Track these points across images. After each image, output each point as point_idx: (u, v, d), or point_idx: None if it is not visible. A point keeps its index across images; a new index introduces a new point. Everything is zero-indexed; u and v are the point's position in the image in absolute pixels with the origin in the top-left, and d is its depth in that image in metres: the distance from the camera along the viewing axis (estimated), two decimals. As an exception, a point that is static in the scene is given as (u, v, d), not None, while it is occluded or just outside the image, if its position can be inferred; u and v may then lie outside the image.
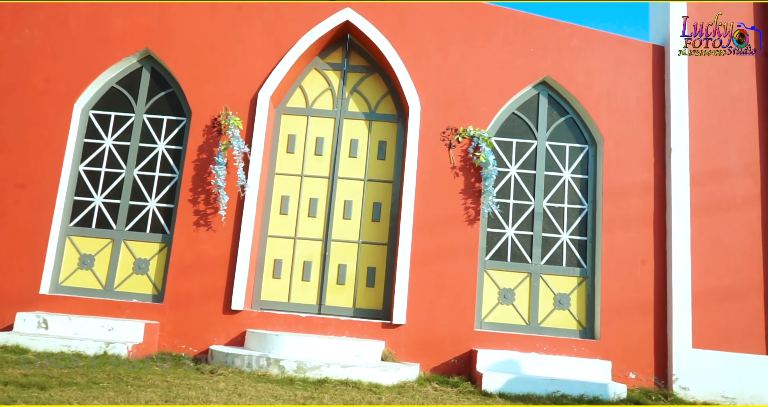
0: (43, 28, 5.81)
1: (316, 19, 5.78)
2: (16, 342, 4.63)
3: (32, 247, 5.42)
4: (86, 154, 5.74)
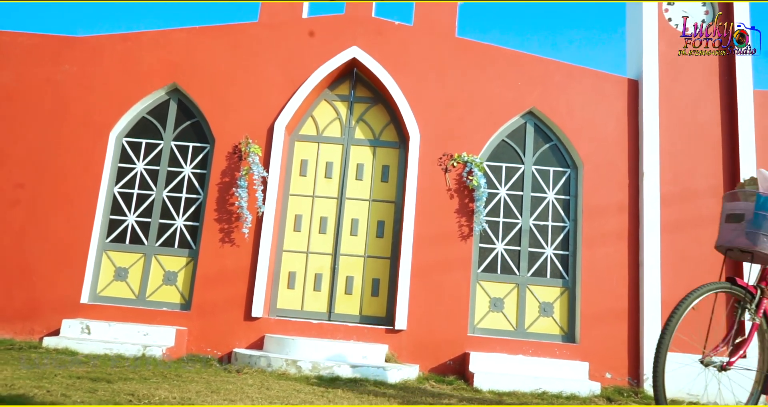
0: (81, 64, 6.48)
1: (326, 56, 6.44)
2: (65, 346, 5.28)
3: (73, 261, 6.07)
4: (120, 177, 6.40)
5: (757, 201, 3.10)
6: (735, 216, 3.19)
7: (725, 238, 3.22)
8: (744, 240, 3.11)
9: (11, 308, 5.94)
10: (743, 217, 3.13)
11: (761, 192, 3.12)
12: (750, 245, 3.09)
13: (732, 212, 3.23)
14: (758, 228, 3.07)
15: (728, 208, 3.28)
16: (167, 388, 3.47)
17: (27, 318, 5.92)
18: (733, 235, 3.16)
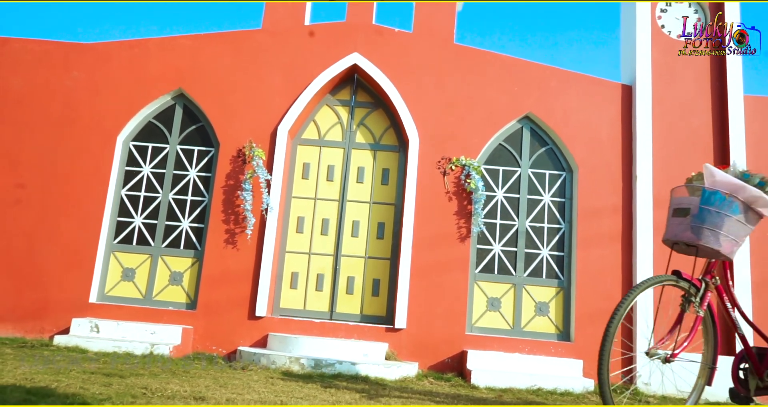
0: (89, 70, 6.65)
1: (328, 62, 6.62)
2: (75, 344, 5.45)
3: (82, 262, 6.24)
4: (127, 180, 6.58)
5: (702, 195, 3.12)
6: (681, 211, 3.20)
7: (671, 232, 3.23)
8: (689, 235, 3.13)
9: (22, 307, 6.11)
10: (689, 212, 3.14)
11: (707, 187, 3.14)
12: (694, 239, 3.11)
13: (678, 206, 3.24)
14: (702, 222, 3.09)
15: (675, 203, 3.30)
16: (177, 383, 3.64)
17: (37, 317, 6.09)
18: (679, 229, 3.16)
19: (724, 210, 3.06)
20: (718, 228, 3.06)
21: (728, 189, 3.08)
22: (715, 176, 3.14)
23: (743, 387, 3.43)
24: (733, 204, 3.07)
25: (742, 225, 3.10)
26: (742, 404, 3.43)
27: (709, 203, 3.09)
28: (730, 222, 3.06)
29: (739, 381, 3.46)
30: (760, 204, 3.08)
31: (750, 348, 3.44)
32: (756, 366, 3.39)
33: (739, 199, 3.08)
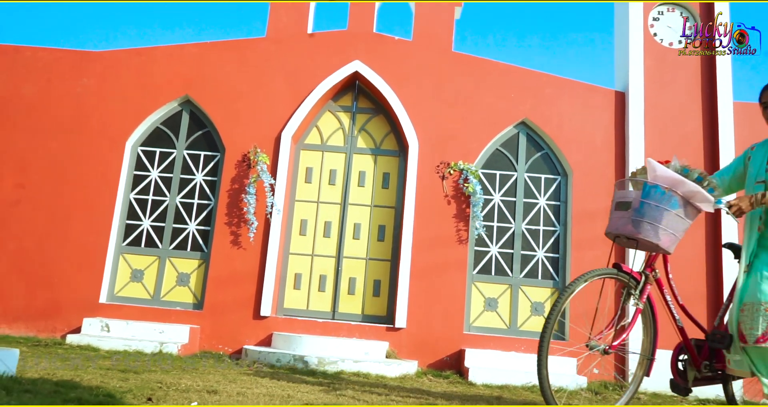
0: (99, 77, 6.86)
1: (330, 70, 6.82)
2: (87, 342, 5.65)
3: (92, 263, 6.45)
4: (136, 184, 6.78)
5: (643, 189, 3.14)
6: (623, 204, 3.21)
7: (613, 226, 3.24)
8: (630, 228, 3.14)
9: (34, 307, 6.31)
10: (630, 205, 3.15)
11: (648, 181, 3.15)
12: (635, 232, 3.12)
13: (621, 200, 3.25)
14: (643, 216, 3.10)
15: (618, 196, 3.31)
16: (189, 378, 3.84)
17: (49, 316, 6.30)
18: (621, 223, 3.18)
19: (664, 205, 3.07)
20: (657, 222, 3.06)
21: (668, 183, 3.10)
22: (656, 171, 3.15)
23: (682, 378, 3.50)
24: (673, 199, 3.08)
25: (681, 219, 3.11)
26: (681, 394, 3.51)
27: (649, 197, 3.09)
28: (669, 216, 3.07)
29: (678, 373, 3.53)
30: (698, 199, 3.11)
31: (688, 340, 3.51)
32: (694, 358, 3.45)
33: (679, 193, 3.09)
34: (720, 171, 3.51)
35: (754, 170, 3.27)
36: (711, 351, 3.41)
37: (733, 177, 3.43)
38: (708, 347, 3.41)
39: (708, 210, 3.14)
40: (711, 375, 3.43)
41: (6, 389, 2.41)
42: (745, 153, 3.43)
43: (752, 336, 2.93)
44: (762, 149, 3.31)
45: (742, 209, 3.06)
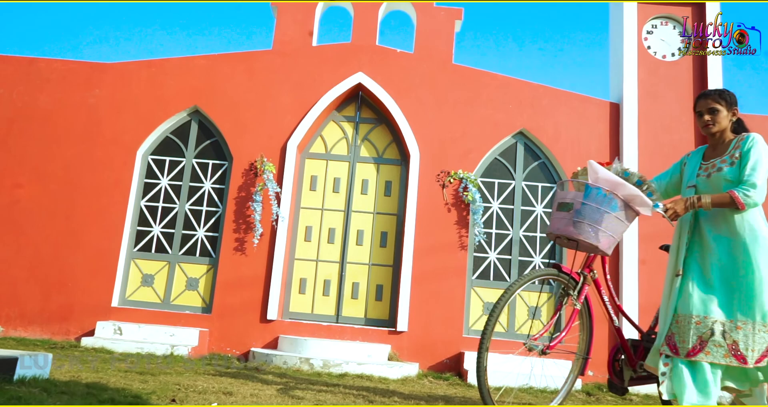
0: (111, 88, 7.10)
1: (334, 81, 7.06)
2: (101, 345, 5.89)
3: (105, 268, 6.68)
4: (146, 191, 7.02)
5: (585, 191, 3.15)
6: (565, 205, 3.22)
7: (555, 226, 3.24)
8: (570, 229, 3.14)
9: (49, 311, 6.55)
10: (572, 207, 3.16)
11: (590, 183, 3.16)
12: (575, 234, 3.13)
13: (562, 201, 3.26)
14: (583, 217, 3.11)
15: (560, 197, 3.30)
16: (203, 380, 4.08)
17: (63, 320, 6.53)
18: (562, 224, 3.19)
19: (604, 207, 3.09)
20: (597, 224, 3.08)
21: (609, 186, 3.11)
22: (598, 173, 3.16)
23: (618, 377, 3.55)
24: (613, 202, 3.10)
25: (620, 222, 3.14)
26: (618, 394, 3.58)
27: (590, 199, 3.10)
28: (609, 218, 3.09)
29: (614, 373, 3.58)
30: (638, 202, 3.13)
31: (625, 340, 3.57)
32: (630, 358, 3.51)
33: (619, 196, 3.11)
34: (658, 176, 3.60)
35: (687, 176, 3.36)
36: (646, 351, 3.44)
37: (670, 182, 3.51)
38: (644, 347, 3.47)
39: (646, 213, 3.19)
40: (646, 374, 3.47)
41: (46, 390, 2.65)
42: (682, 159, 3.52)
43: (684, 350, 2.95)
44: (697, 155, 3.39)
45: (677, 212, 3.10)
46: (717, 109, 3.20)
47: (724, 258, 3.04)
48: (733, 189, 3.03)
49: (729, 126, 3.24)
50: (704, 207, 3.06)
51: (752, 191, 2.98)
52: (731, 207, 3.02)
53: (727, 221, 3.07)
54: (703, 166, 3.27)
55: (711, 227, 3.12)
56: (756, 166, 3.02)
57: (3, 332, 6.49)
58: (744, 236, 3.01)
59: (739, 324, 2.93)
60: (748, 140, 3.10)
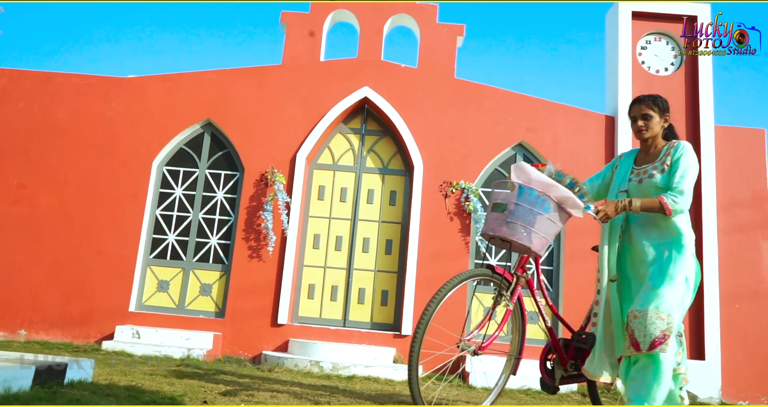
0: (127, 101, 7.40)
1: (341, 95, 7.36)
2: (121, 348, 6.20)
3: (122, 274, 6.99)
4: (161, 201, 7.33)
5: (519, 192, 3.16)
6: (499, 206, 3.22)
7: (489, 227, 3.24)
8: (504, 230, 3.14)
9: (69, 315, 6.86)
10: (506, 207, 3.16)
11: (523, 184, 3.16)
12: (509, 235, 3.13)
13: (497, 201, 3.25)
14: (517, 218, 3.11)
15: (494, 197, 3.31)
16: (225, 381, 4.39)
17: (83, 324, 6.84)
18: (496, 224, 3.18)
19: (537, 208, 3.11)
20: (530, 225, 3.10)
21: (542, 188, 3.13)
22: (531, 174, 3.18)
23: (550, 376, 3.60)
24: (546, 203, 3.13)
25: (553, 223, 3.16)
26: (549, 393, 3.65)
27: (524, 200, 3.13)
28: (542, 220, 3.12)
29: (546, 372, 3.63)
30: (570, 204, 3.15)
31: (557, 340, 3.60)
32: (561, 358, 3.56)
33: (552, 197, 3.13)
34: (590, 178, 3.65)
35: (618, 179, 3.41)
36: (577, 350, 3.50)
37: (601, 184, 3.57)
38: (574, 347, 3.51)
39: (578, 215, 3.21)
40: (576, 373, 3.54)
41: (94, 393, 2.95)
42: (614, 161, 3.57)
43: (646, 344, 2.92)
44: (629, 159, 3.44)
45: (608, 214, 3.15)
46: (650, 115, 3.27)
47: (650, 258, 3.12)
48: (662, 195, 3.09)
49: (661, 132, 3.32)
50: (634, 210, 3.12)
51: (680, 198, 3.06)
52: (659, 212, 3.09)
53: (656, 225, 3.16)
54: (635, 170, 3.33)
55: (641, 230, 3.20)
56: (685, 174, 3.11)
57: (26, 335, 6.80)
58: (670, 240, 3.10)
59: (636, 313, 2.97)
60: (678, 148, 3.19)
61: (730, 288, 6.89)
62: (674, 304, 2.96)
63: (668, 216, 3.10)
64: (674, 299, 2.97)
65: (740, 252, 7.00)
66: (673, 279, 3.00)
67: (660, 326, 2.91)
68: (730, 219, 7.06)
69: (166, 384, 3.92)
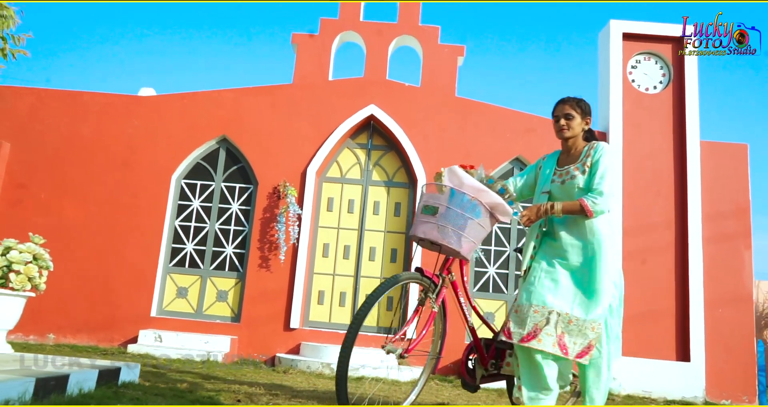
0: (147, 118, 7.87)
1: (349, 113, 7.82)
2: (145, 351, 6.66)
3: (144, 281, 7.46)
4: (180, 212, 7.80)
5: (451, 196, 3.14)
6: (430, 208, 3.19)
7: (420, 229, 3.21)
8: (435, 233, 3.13)
9: (95, 320, 7.32)
10: (437, 210, 3.15)
11: (455, 188, 3.16)
12: (439, 238, 3.13)
13: (427, 204, 3.23)
14: (448, 222, 3.11)
15: (424, 200, 3.27)
16: (247, 381, 4.85)
17: (107, 328, 7.30)
18: (427, 227, 3.16)
19: (468, 213, 3.11)
20: (461, 229, 3.10)
21: (474, 193, 3.14)
22: (463, 179, 3.18)
23: (471, 376, 3.65)
24: (477, 208, 3.13)
25: (482, 228, 3.18)
26: (470, 391, 3.71)
27: (456, 204, 3.12)
28: (472, 224, 3.12)
29: (467, 371, 3.68)
30: (500, 210, 3.18)
31: (478, 340, 3.65)
32: (482, 357, 3.60)
33: (483, 203, 3.14)
34: (513, 177, 3.67)
35: (541, 181, 3.46)
36: (497, 350, 3.58)
37: (525, 185, 3.60)
38: (494, 347, 3.59)
39: (506, 221, 3.26)
40: (496, 372, 3.62)
41: (146, 393, 3.40)
42: (538, 162, 3.61)
43: (518, 335, 3.04)
44: (551, 160, 3.49)
45: (531, 219, 3.23)
46: (572, 116, 3.33)
47: (574, 260, 3.16)
48: (583, 197, 3.14)
49: (581, 134, 3.39)
50: (556, 214, 3.17)
51: (600, 199, 3.11)
52: (581, 214, 3.14)
53: (578, 227, 3.20)
54: (557, 171, 3.38)
55: (564, 232, 3.24)
56: (604, 175, 3.16)
57: (54, 339, 7.26)
58: (593, 241, 3.14)
59: (572, 319, 3.02)
60: (598, 149, 3.24)
61: (714, 294, 7.35)
62: (604, 313, 3.05)
63: (590, 218, 3.15)
64: (605, 308, 3.05)
65: (724, 260, 7.45)
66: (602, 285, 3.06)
67: (590, 336, 3.00)
68: (714, 229, 7.52)
69: (198, 385, 4.38)
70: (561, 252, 3.21)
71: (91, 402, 2.76)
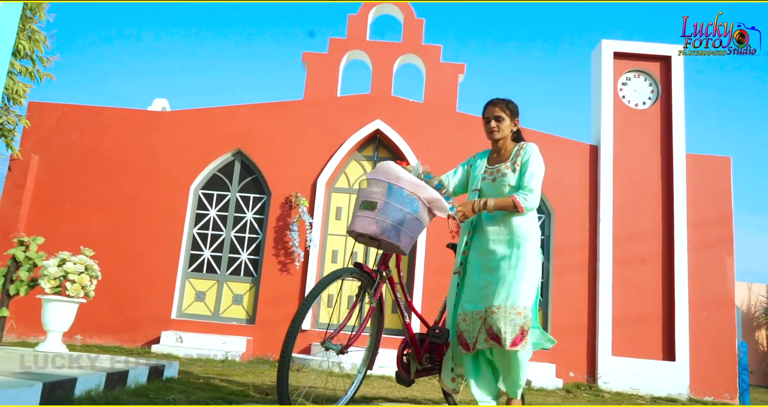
0: (166, 132, 8.37)
1: (356, 127, 8.32)
2: (168, 351, 7.16)
3: (164, 286, 7.95)
4: (197, 221, 8.30)
5: (389, 191, 3.13)
6: (369, 204, 3.17)
7: (358, 225, 3.17)
8: (374, 228, 3.11)
9: (118, 322, 7.82)
10: (376, 206, 3.13)
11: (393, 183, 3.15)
12: (378, 233, 3.10)
13: (366, 199, 3.20)
14: (387, 217, 3.09)
15: (363, 194, 3.23)
16: (267, 379, 5.35)
17: (131, 329, 7.80)
18: (366, 222, 3.14)
19: (407, 208, 3.11)
20: (400, 224, 3.10)
21: (412, 188, 3.14)
22: (400, 174, 3.18)
23: (406, 370, 3.66)
24: (415, 203, 3.14)
25: (419, 223, 3.20)
26: (405, 385, 3.75)
27: (394, 199, 3.12)
28: (411, 219, 3.14)
29: (402, 366, 3.68)
30: (437, 205, 3.22)
31: (414, 335, 3.63)
32: (417, 352, 3.59)
33: (421, 198, 3.16)
34: (446, 174, 3.74)
35: (473, 179, 3.57)
36: (431, 345, 3.61)
37: (458, 182, 3.70)
38: (429, 341, 3.61)
39: (442, 215, 3.29)
40: (430, 366, 3.66)
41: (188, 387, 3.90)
42: (468, 160, 3.74)
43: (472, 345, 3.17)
44: (482, 159, 3.61)
45: (466, 214, 3.32)
46: (502, 118, 3.47)
47: (500, 252, 3.30)
48: (514, 194, 3.28)
49: (510, 135, 3.53)
50: (489, 210, 3.29)
51: (530, 195, 3.26)
52: (512, 210, 3.27)
53: (506, 222, 3.32)
54: (488, 169, 3.51)
55: (492, 227, 3.36)
56: (534, 173, 3.32)
57: (81, 340, 7.76)
58: (519, 235, 3.28)
59: (494, 309, 3.13)
60: (527, 149, 3.41)
61: (699, 298, 7.85)
62: (529, 298, 3.17)
63: (518, 214, 3.29)
64: (528, 294, 3.17)
65: (707, 266, 7.96)
66: (524, 274, 3.19)
67: (518, 322, 3.09)
68: (698, 237, 8.02)
69: (226, 380, 4.88)
70: (489, 245, 3.34)
71: (149, 394, 3.26)
